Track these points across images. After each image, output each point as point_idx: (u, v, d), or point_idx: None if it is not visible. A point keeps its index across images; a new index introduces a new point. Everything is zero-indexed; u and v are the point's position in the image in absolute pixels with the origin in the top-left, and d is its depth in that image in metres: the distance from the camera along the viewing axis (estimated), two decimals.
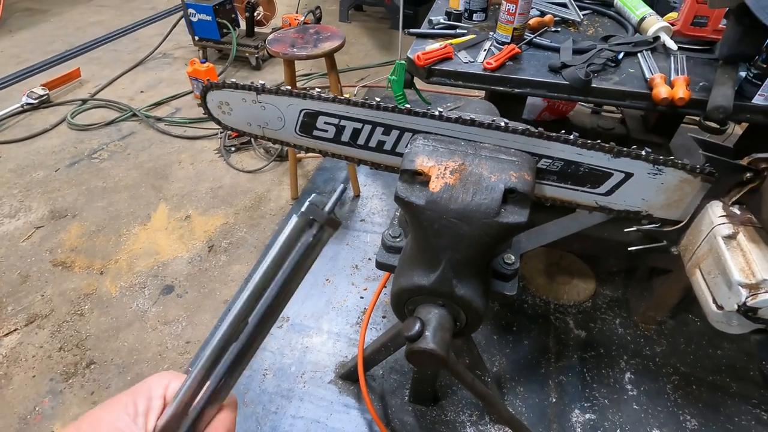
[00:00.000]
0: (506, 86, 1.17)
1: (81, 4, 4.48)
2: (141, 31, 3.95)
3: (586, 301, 1.74)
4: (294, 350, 1.59)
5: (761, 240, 0.70)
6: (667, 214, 0.84)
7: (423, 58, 1.18)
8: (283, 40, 1.78)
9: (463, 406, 1.44)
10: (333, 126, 0.88)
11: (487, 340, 1.61)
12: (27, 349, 1.59)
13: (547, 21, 1.36)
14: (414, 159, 0.78)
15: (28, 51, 3.58)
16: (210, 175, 2.36)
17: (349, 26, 4.02)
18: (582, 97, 1.15)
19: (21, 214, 2.12)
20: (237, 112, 0.93)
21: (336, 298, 1.76)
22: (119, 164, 2.43)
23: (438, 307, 0.84)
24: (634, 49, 1.23)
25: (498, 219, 0.72)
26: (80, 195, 2.23)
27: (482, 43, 1.29)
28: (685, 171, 0.77)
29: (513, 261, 0.91)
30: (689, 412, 1.42)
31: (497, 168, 0.75)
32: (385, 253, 0.98)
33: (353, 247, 1.97)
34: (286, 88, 0.87)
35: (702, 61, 1.21)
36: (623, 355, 1.57)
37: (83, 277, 1.84)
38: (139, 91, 3.07)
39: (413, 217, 0.78)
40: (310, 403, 1.45)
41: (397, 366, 1.54)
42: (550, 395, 1.47)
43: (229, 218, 2.11)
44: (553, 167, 0.82)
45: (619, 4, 1.44)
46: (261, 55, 3.26)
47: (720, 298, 0.72)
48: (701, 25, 1.23)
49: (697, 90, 1.09)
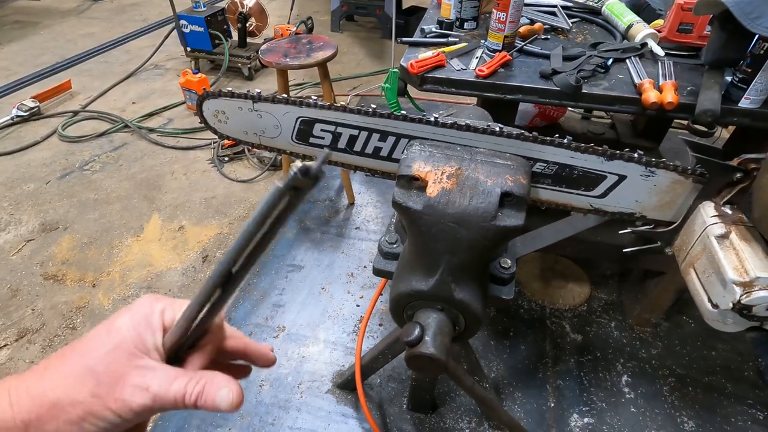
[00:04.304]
0: (498, 93, 1.19)
1: (72, 17, 4.48)
2: (132, 43, 3.95)
3: (581, 305, 1.75)
4: (291, 360, 1.58)
5: (753, 238, 0.71)
6: (661, 215, 0.86)
7: (416, 65, 1.20)
8: (276, 50, 1.79)
9: (462, 413, 1.44)
10: (329, 133, 0.89)
11: (485, 346, 1.61)
12: (17, 364, 1.56)
13: (537, 29, 1.38)
14: (411, 164, 0.78)
15: (18, 63, 3.56)
16: (203, 186, 2.35)
17: (341, 36, 4.05)
18: (573, 102, 1.17)
19: (11, 227, 2.10)
20: (233, 120, 0.93)
21: (332, 307, 1.76)
22: (111, 176, 2.42)
23: (437, 311, 0.84)
24: (622, 55, 1.26)
25: (495, 222, 0.73)
26: (72, 207, 2.21)
27: (474, 50, 1.31)
28: (677, 173, 0.79)
29: (510, 265, 0.92)
30: (686, 414, 1.43)
31: (493, 172, 0.76)
32: (382, 259, 0.98)
33: (349, 256, 1.97)
34: (282, 96, 0.88)
35: (689, 66, 1.24)
36: (619, 358, 1.58)
37: (75, 290, 1.81)
38: (130, 103, 3.06)
39: (411, 222, 0.78)
40: (308, 413, 1.44)
41: (394, 374, 1.53)
42: (548, 400, 1.47)
43: (224, 228, 2.10)
44: (548, 171, 0.83)
45: (607, 12, 1.47)
46: (253, 65, 3.27)
47: (715, 297, 0.73)
48: (687, 31, 1.26)
49: (684, 94, 1.11)
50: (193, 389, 0.35)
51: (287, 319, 1.71)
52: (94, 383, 0.33)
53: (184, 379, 0.35)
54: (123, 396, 0.33)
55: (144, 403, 0.33)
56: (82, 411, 0.33)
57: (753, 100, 1.06)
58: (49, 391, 0.33)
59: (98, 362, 0.34)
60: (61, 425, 0.32)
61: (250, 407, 1.45)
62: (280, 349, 1.61)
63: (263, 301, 1.78)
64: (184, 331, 0.37)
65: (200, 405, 0.35)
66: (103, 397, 0.33)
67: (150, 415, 0.36)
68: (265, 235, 0.35)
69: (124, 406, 0.33)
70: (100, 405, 0.33)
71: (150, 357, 0.35)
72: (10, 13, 4.52)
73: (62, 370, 0.34)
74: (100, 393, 0.33)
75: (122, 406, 0.33)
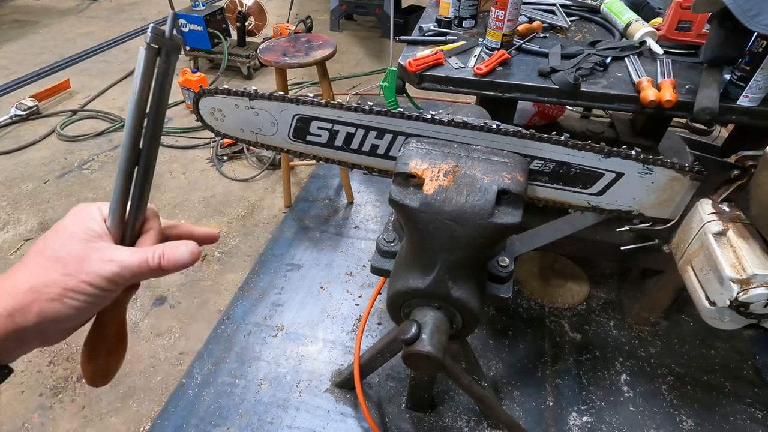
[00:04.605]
0: (497, 91, 1.18)
1: (70, 16, 4.48)
2: (131, 42, 3.95)
3: (580, 304, 1.75)
4: (289, 359, 1.58)
5: (750, 236, 0.71)
6: (658, 213, 0.85)
7: (414, 64, 1.20)
8: (275, 49, 1.79)
9: (460, 411, 1.43)
10: (326, 131, 0.89)
11: (483, 345, 1.61)
12: (16, 364, 1.54)
13: (535, 27, 1.38)
14: (407, 162, 0.78)
15: (17, 62, 3.56)
16: (202, 185, 2.35)
17: (340, 35, 4.05)
18: (571, 100, 1.16)
19: (10, 226, 2.09)
20: (230, 118, 0.93)
21: (331, 306, 1.75)
22: (110, 175, 2.41)
23: (434, 309, 0.84)
24: (621, 53, 1.26)
25: (492, 220, 0.72)
26: (70, 206, 2.17)
27: (472, 49, 1.31)
28: (675, 170, 0.78)
29: (507, 263, 0.92)
30: (685, 413, 1.43)
31: (490, 170, 0.76)
32: (379, 258, 0.98)
33: (347, 254, 1.96)
34: (278, 93, 0.87)
35: (687, 64, 1.24)
36: (618, 357, 1.58)
37: None
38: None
39: (407, 220, 0.78)
40: (307, 412, 1.43)
41: (393, 373, 1.53)
42: (547, 399, 1.47)
43: (222, 227, 2.10)
44: (545, 168, 0.83)
45: (606, 10, 1.47)
46: (252, 64, 3.27)
47: (712, 294, 0.72)
48: (686, 29, 1.26)
49: (683, 92, 1.11)
50: (154, 253, 0.39)
51: (286, 318, 1.71)
52: (61, 266, 0.36)
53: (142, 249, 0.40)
54: (92, 268, 0.37)
55: (113, 270, 0.37)
56: (60, 289, 0.36)
57: (751, 98, 1.06)
58: (22, 282, 0.36)
59: (59, 250, 0.37)
60: (43, 305, 0.35)
61: (248, 406, 1.45)
62: (279, 348, 1.61)
63: (262, 300, 1.78)
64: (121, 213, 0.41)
65: (164, 265, 0.39)
66: (74, 275, 0.36)
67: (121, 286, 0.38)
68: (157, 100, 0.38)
69: (97, 276, 0.36)
70: (74, 281, 0.36)
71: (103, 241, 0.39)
72: (9, 12, 4.51)
73: (29, 266, 0.37)
74: (70, 271, 0.36)
75: (95, 277, 0.36)
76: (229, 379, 1.52)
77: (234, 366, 1.55)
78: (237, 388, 1.49)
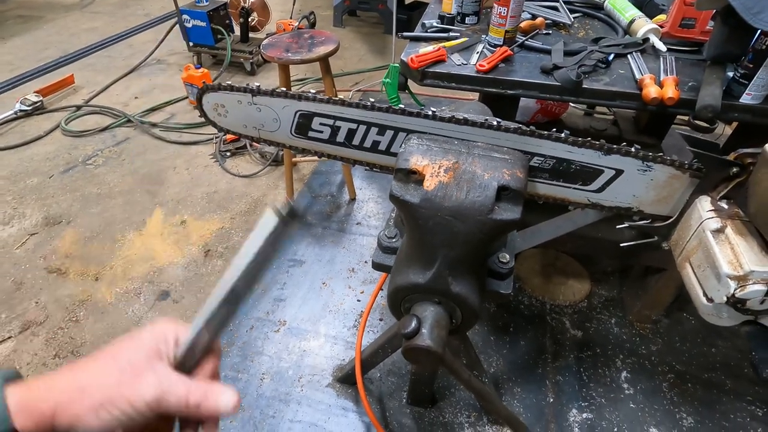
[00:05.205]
0: (499, 88, 1.18)
1: (75, 11, 4.49)
2: (135, 38, 3.96)
3: (581, 301, 1.75)
4: (291, 354, 1.59)
5: (748, 233, 0.71)
6: (658, 210, 0.86)
7: (417, 60, 1.20)
8: (278, 45, 1.79)
9: (461, 407, 1.44)
10: (328, 127, 0.89)
11: (484, 341, 1.62)
12: (21, 356, 1.58)
13: (538, 24, 1.38)
14: (408, 158, 0.79)
15: (21, 58, 3.57)
16: (205, 180, 2.36)
17: (343, 31, 4.04)
18: (573, 97, 1.16)
19: (15, 221, 2.11)
20: (233, 114, 0.94)
21: (333, 302, 1.77)
22: (114, 170, 2.43)
23: (434, 304, 0.85)
24: (623, 50, 1.25)
25: (492, 216, 0.73)
26: (75, 201, 2.22)
27: (475, 45, 1.31)
28: (674, 167, 0.79)
29: (508, 260, 0.92)
30: (685, 410, 1.43)
31: (490, 166, 0.76)
32: (381, 253, 0.99)
33: (349, 251, 1.97)
34: (281, 89, 0.88)
35: (690, 61, 1.24)
36: (619, 354, 1.58)
37: (78, 284, 1.83)
38: (133, 97, 3.07)
39: (408, 216, 0.79)
40: (308, 406, 1.45)
41: (394, 368, 1.54)
42: (548, 395, 1.47)
43: (225, 223, 2.11)
44: (545, 165, 0.83)
45: (609, 6, 1.47)
46: (256, 60, 3.27)
47: (710, 291, 0.73)
48: (689, 26, 1.25)
49: (686, 90, 1.11)
50: (197, 391, 0.41)
51: (288, 313, 1.72)
52: (119, 373, 0.40)
53: (189, 381, 0.42)
54: (138, 387, 0.39)
55: (154, 395, 0.39)
56: (103, 396, 0.38)
57: (754, 96, 1.06)
58: (81, 379, 0.39)
59: (123, 360, 0.41)
60: (82, 409, 0.37)
61: (251, 400, 1.46)
62: (281, 343, 1.62)
63: (264, 295, 1.79)
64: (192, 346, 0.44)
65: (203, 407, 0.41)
66: (123, 386, 0.39)
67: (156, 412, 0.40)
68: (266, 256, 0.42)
69: (138, 396, 0.39)
70: (118, 393, 0.38)
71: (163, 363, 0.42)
72: (14, 8, 4.53)
73: (93, 365, 0.40)
74: (123, 381, 0.39)
75: (136, 396, 0.39)
76: (232, 374, 1.53)
77: (236, 360, 1.57)
78: (239, 382, 1.51)
